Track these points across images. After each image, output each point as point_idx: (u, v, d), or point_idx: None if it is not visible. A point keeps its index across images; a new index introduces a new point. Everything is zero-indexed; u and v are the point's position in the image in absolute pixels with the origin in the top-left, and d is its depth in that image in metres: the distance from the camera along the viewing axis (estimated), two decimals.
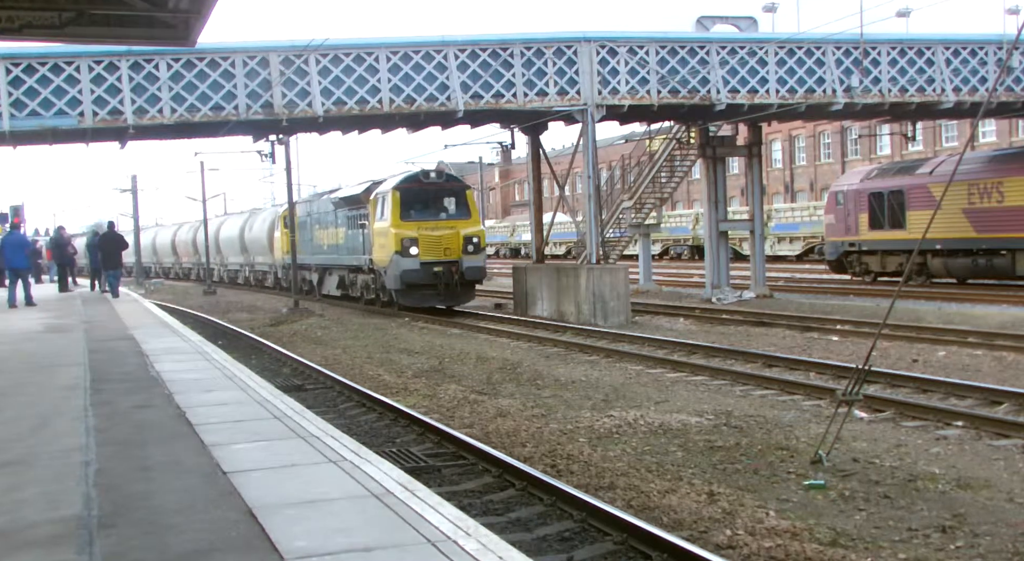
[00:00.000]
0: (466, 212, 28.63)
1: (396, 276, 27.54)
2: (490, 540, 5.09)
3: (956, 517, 7.39)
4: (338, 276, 34.86)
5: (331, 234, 34.94)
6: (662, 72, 26.79)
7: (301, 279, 37.73)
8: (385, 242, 28.04)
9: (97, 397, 9.93)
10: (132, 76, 24.20)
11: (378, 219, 28.90)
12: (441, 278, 27.44)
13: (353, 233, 32.05)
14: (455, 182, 29.92)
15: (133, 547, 5.07)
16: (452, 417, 12.32)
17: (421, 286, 27.49)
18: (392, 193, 28.06)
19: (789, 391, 13.32)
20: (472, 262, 27.90)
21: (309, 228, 37.86)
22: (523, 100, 26.12)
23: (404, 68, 25.60)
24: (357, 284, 32.79)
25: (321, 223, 36.54)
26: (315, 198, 39.27)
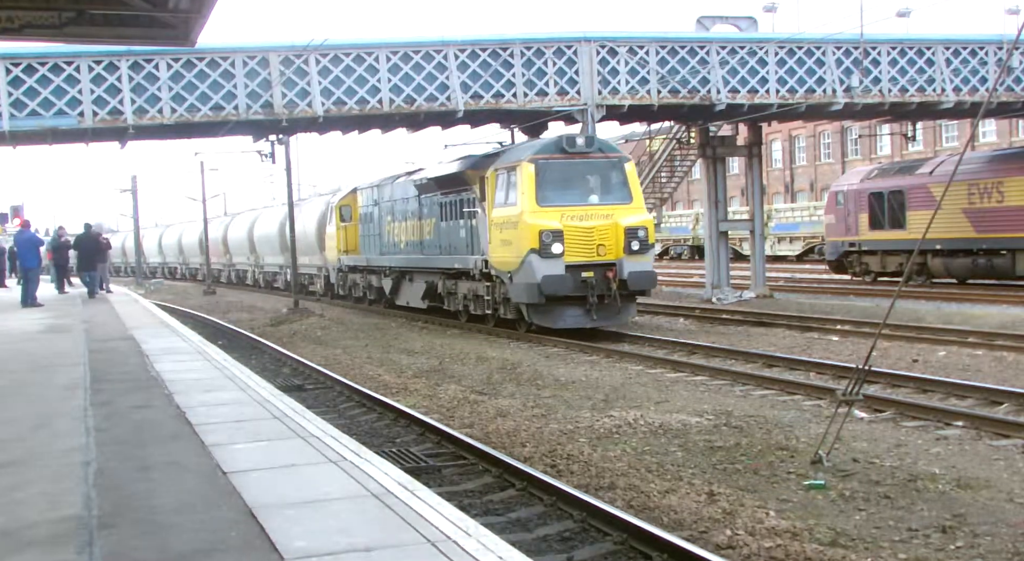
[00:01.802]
0: (625, 194, 20.67)
1: (531, 285, 19.64)
2: (490, 540, 5.09)
3: (956, 517, 7.39)
4: (424, 283, 26.16)
5: (412, 227, 26.82)
6: (662, 72, 26.80)
7: (366, 285, 31.55)
8: (513, 236, 20.25)
9: (97, 397, 9.93)
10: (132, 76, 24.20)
11: (499, 204, 21.04)
12: (592, 288, 19.68)
13: (450, 226, 24.21)
14: (611, 152, 21.21)
15: (133, 547, 5.07)
16: (452, 417, 12.32)
17: (563, 299, 19.81)
18: (524, 167, 20.21)
19: (789, 391, 13.32)
20: (637, 265, 19.94)
21: (377, 220, 30.14)
22: (523, 100, 26.12)
23: (404, 68, 25.61)
24: (458, 294, 24.14)
25: (396, 213, 28.28)
26: (386, 182, 29.67)
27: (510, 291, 20.67)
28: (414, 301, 27.23)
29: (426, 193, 25.74)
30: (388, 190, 29.26)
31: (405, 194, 27.48)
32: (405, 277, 27.99)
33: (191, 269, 63.64)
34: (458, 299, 24.22)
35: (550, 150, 20.58)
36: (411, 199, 26.86)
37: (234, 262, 53.23)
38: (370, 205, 30.91)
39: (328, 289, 37.00)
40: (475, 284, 22.81)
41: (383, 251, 29.48)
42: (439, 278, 25.14)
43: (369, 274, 31.12)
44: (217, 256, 55.32)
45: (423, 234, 26.02)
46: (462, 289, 23.85)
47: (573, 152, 20.50)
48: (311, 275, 39.85)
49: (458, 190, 23.63)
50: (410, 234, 27.08)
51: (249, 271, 50.12)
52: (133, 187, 59.05)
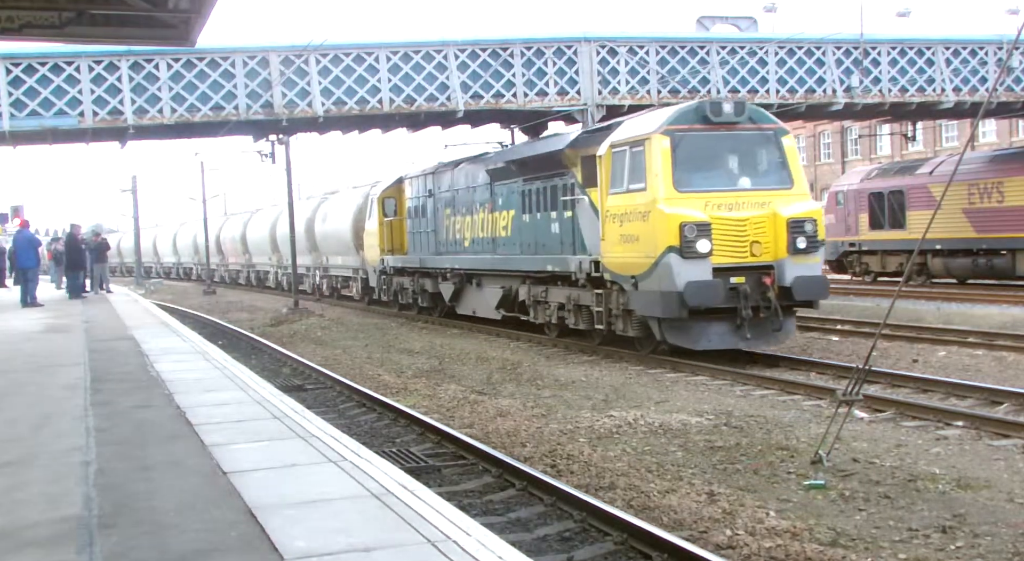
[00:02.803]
0: (784, 175, 16.09)
1: (667, 294, 15.06)
2: (490, 540, 5.10)
3: (956, 517, 7.39)
4: (499, 289, 21.59)
5: (482, 222, 22.63)
6: (662, 72, 26.82)
7: (417, 290, 26.84)
8: (641, 231, 15.67)
9: (97, 397, 9.93)
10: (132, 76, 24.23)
11: (618, 190, 16.36)
12: (746, 298, 15.18)
13: (537, 219, 19.90)
14: (765, 122, 16.55)
15: (133, 547, 5.07)
16: (452, 417, 12.32)
17: (706, 312, 15.27)
18: (656, 142, 15.57)
19: (789, 391, 13.32)
20: (803, 268, 15.49)
21: (431, 214, 25.72)
22: (523, 100, 26.15)
23: (404, 68, 25.64)
24: (549, 304, 19.58)
25: (459, 205, 23.96)
26: (444, 168, 25.23)
27: (632, 301, 16.07)
28: (483, 310, 22.84)
29: (502, 180, 21.36)
30: (447, 178, 24.76)
31: (471, 182, 23.16)
32: (471, 281, 23.27)
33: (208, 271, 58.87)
34: (549, 309, 19.59)
35: (688, 119, 15.96)
36: (480, 188, 22.58)
37: (254, 263, 48.71)
38: (421, 196, 26.39)
39: (366, 293, 32.19)
40: (576, 291, 18.19)
41: (440, 250, 25.16)
42: (520, 283, 20.72)
43: (422, 277, 26.33)
44: (235, 256, 51.81)
45: (496, 229, 21.73)
46: (556, 297, 19.15)
47: (718, 122, 15.91)
48: (345, 277, 35.21)
49: (549, 174, 19.15)
50: (478, 230, 22.79)
51: (272, 272, 45.81)
52: (133, 187, 59.07)
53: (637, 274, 15.79)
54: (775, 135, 16.33)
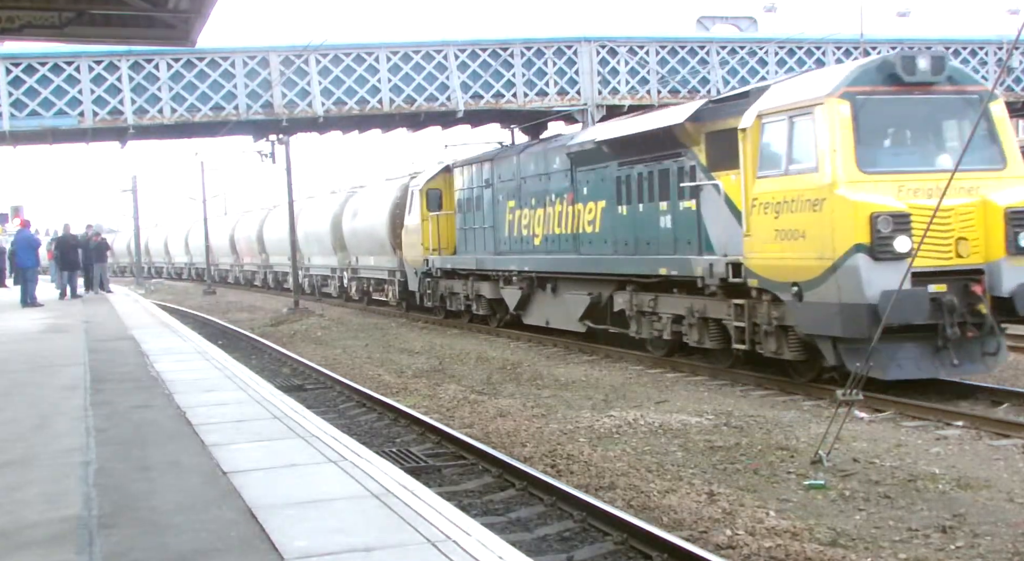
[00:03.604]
0: (995, 153, 12.63)
1: (852, 307, 11.72)
2: (490, 540, 5.10)
3: (956, 517, 7.39)
4: (585, 296, 18.09)
5: (559, 215, 19.12)
6: (662, 72, 26.85)
7: (470, 295, 23.14)
8: (809, 223, 12.19)
9: (97, 397, 9.93)
10: (132, 76, 24.26)
11: (770, 171, 12.92)
12: (952, 312, 11.79)
13: (640, 212, 16.23)
14: (968, 83, 13.08)
15: (133, 547, 5.08)
16: (452, 417, 12.33)
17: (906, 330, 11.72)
18: (831, 107, 12.10)
19: (789, 391, 13.31)
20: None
21: (488, 207, 22.26)
22: (523, 100, 26.18)
23: (404, 68, 25.66)
24: (661, 315, 15.74)
25: (526, 196, 20.48)
26: (505, 153, 22.18)
27: (793, 315, 12.49)
28: (561, 321, 19.30)
29: (588, 165, 17.82)
30: (509, 164, 21.33)
31: (544, 168, 19.74)
32: (544, 286, 19.71)
33: (221, 271, 55.93)
34: (659, 323, 15.76)
35: (872, 78, 12.41)
36: (556, 175, 19.15)
37: (272, 263, 44.64)
38: (476, 186, 22.86)
39: (405, 298, 28.36)
40: (702, 301, 14.51)
41: (501, 249, 21.59)
42: (615, 289, 17.06)
43: (478, 281, 22.59)
44: (251, 256, 48.08)
45: (580, 224, 18.19)
46: (670, 308, 15.41)
47: (911, 82, 12.36)
48: (379, 280, 31.14)
49: (657, 156, 15.60)
50: (554, 225, 19.32)
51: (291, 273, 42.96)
52: (133, 187, 59.10)
53: (802, 280, 12.19)
54: (981, 100, 12.39)
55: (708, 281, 14.11)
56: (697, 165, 14.76)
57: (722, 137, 14.15)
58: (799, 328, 12.62)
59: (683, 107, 15.81)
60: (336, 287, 35.94)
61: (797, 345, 12.90)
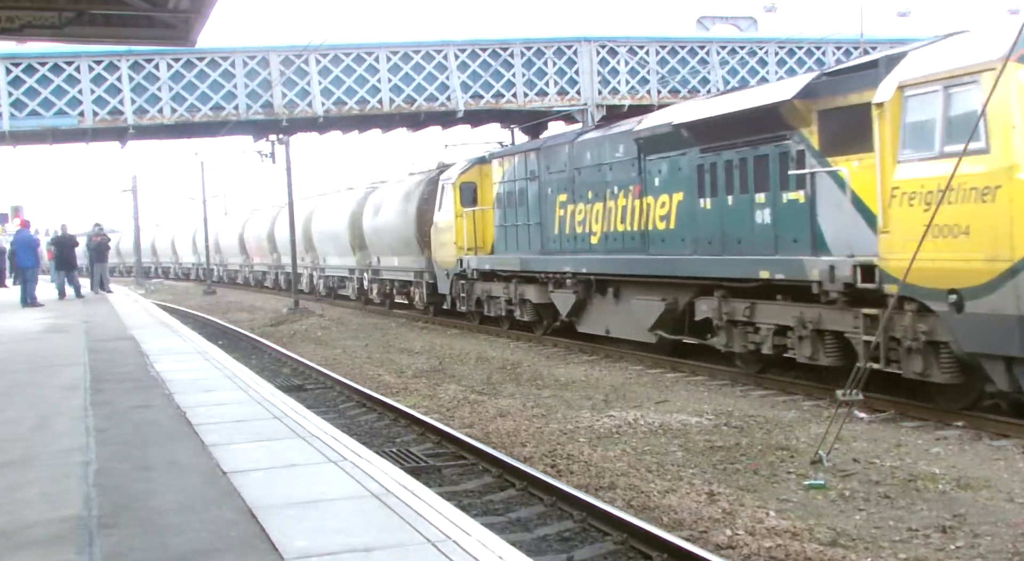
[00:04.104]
0: None
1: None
2: (490, 540, 5.10)
3: (956, 517, 7.39)
4: (658, 302, 15.59)
5: (622, 210, 16.73)
6: (662, 72, 26.86)
7: (512, 300, 20.77)
8: (982, 218, 9.86)
9: (97, 397, 9.93)
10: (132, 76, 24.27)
11: (921, 151, 10.58)
12: None
13: (729, 206, 14.00)
14: None
15: (133, 547, 5.07)
16: (452, 417, 12.33)
17: None
18: (1010, 71, 9.32)
19: (789, 391, 13.30)
20: None
21: (534, 201, 19.94)
22: (523, 100, 26.19)
23: (404, 68, 25.68)
24: (759, 326, 13.43)
25: (581, 188, 18.10)
26: (555, 142, 19.80)
27: (951, 329, 10.31)
28: (625, 329, 16.86)
29: (661, 152, 15.48)
30: (560, 154, 18.94)
31: (603, 157, 17.34)
32: (604, 291, 17.33)
33: (230, 272, 53.98)
34: (759, 335, 13.31)
35: None
36: (620, 165, 16.74)
37: (284, 264, 41.62)
38: (518, 179, 20.55)
39: (433, 301, 26.21)
40: (817, 311, 12.29)
41: (549, 248, 19.39)
42: (696, 295, 14.68)
43: (522, 284, 20.26)
44: (261, 256, 45.73)
45: (650, 220, 15.90)
46: (773, 317, 13.06)
47: None
48: (403, 282, 28.82)
49: (753, 140, 13.38)
50: (615, 221, 16.94)
51: (305, 274, 39.54)
52: (133, 187, 59.11)
53: (964, 287, 10.03)
54: None
55: (828, 287, 11.82)
56: (807, 149, 12.54)
57: (842, 115, 12.01)
58: (958, 345, 10.28)
59: (787, 82, 13.51)
60: (355, 289, 33.44)
61: (952, 365, 10.57)
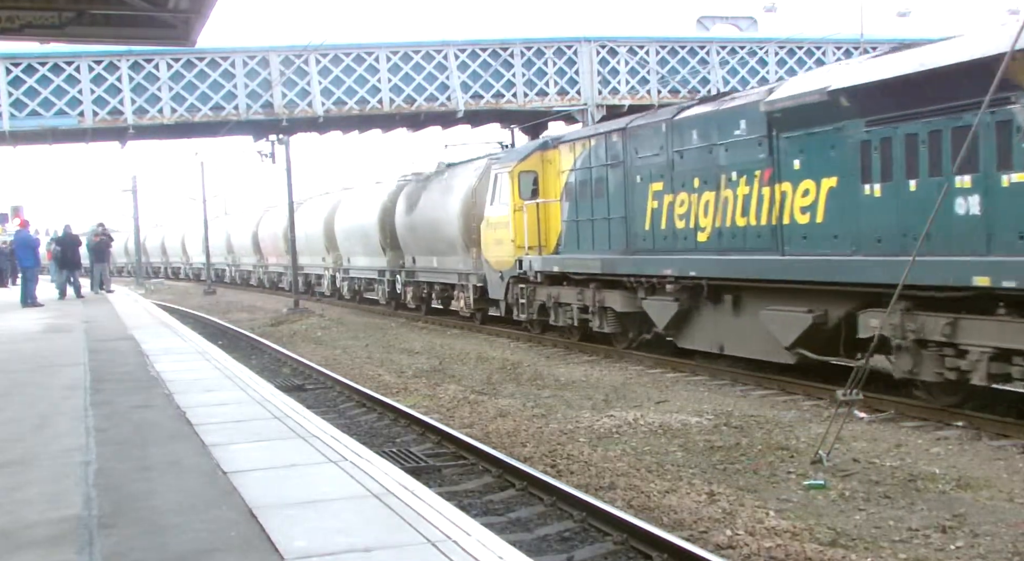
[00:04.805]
0: None
1: None
2: (490, 540, 5.10)
3: (956, 517, 7.39)
4: (802, 315, 12.71)
5: (743, 199, 13.84)
6: (662, 72, 26.87)
7: (588, 308, 17.75)
8: None
9: (97, 397, 9.93)
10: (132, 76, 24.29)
11: None
12: None
13: (910, 192, 11.06)
14: None
15: (133, 547, 5.07)
16: (452, 417, 12.33)
17: None
18: None
19: (789, 391, 13.31)
20: None
21: (615, 192, 16.87)
22: (523, 100, 26.20)
23: (404, 68, 25.68)
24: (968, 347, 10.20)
25: (683, 175, 15.12)
26: (646, 122, 16.49)
27: None
28: (750, 346, 13.91)
29: (804, 127, 12.53)
30: (654, 135, 15.82)
31: (715, 136, 14.34)
32: (718, 298, 14.36)
33: (242, 272, 51.34)
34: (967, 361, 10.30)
35: None
36: (740, 145, 13.75)
37: (302, 264, 38.94)
38: (595, 166, 17.51)
39: (482, 308, 23.47)
40: None
41: (638, 246, 16.32)
42: (858, 306, 11.81)
43: (602, 289, 17.29)
44: (276, 256, 42.84)
45: (785, 212, 12.92)
46: (989, 338, 10.08)
47: None
48: (445, 285, 25.83)
49: (953, 107, 10.41)
50: (734, 213, 13.94)
51: (326, 276, 36.61)
52: (133, 187, 59.09)
53: None
54: None
55: None
56: None
57: None
58: None
59: (1002, 30, 10.40)
60: (384, 292, 30.28)
61: None
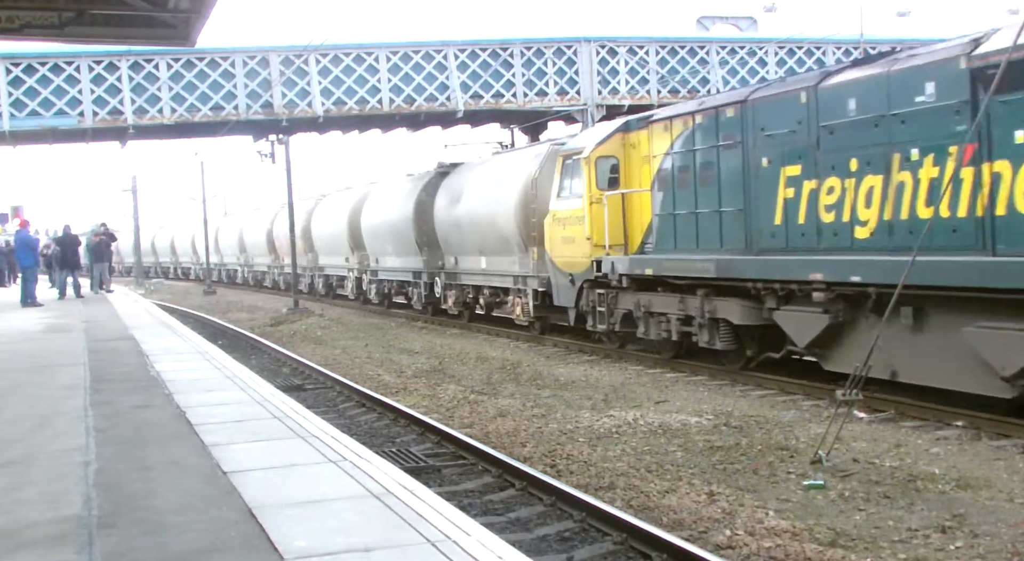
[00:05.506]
0: None
1: None
2: (490, 540, 5.10)
3: (956, 517, 7.39)
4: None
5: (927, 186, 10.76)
6: (662, 72, 26.86)
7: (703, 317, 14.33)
8: None
9: (97, 397, 9.93)
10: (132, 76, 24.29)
11: None
12: None
13: None
14: None
15: (133, 547, 5.07)
16: (452, 417, 12.33)
17: None
18: None
19: (789, 391, 13.30)
20: None
21: (725, 178, 14.07)
22: (523, 100, 26.19)
23: (404, 68, 25.67)
24: None
25: (826, 156, 12.19)
26: (766, 90, 13.80)
27: None
28: (939, 374, 10.88)
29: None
30: (789, 106, 12.82)
31: (884, 104, 11.34)
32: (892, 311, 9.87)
33: (256, 273, 48.43)
34: None
35: None
36: (925, 114, 10.81)
37: (322, 264, 36.93)
38: (701, 147, 14.50)
39: (544, 314, 20.35)
40: None
41: (766, 245, 13.27)
42: None
43: (712, 297, 14.20)
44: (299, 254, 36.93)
45: (1000, 199, 10.07)
46: None
47: None
48: (497, 289, 22.54)
49: None
50: (917, 203, 10.97)
51: (351, 277, 33.47)
52: (133, 187, 59.10)
53: None
54: None
55: None
56: None
57: None
58: None
59: None
60: (420, 296, 26.89)
61: None
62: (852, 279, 11.56)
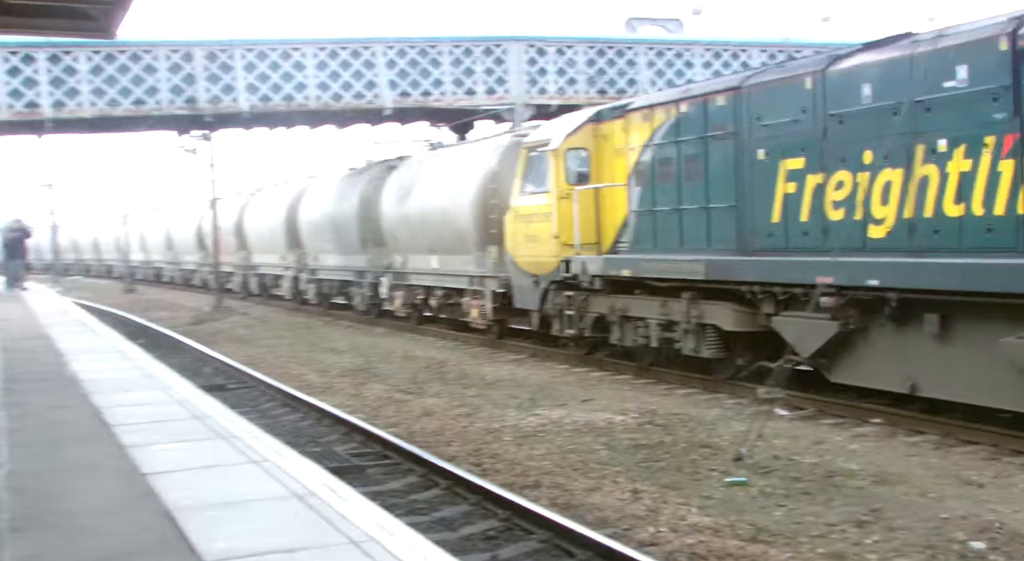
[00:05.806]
0: None
1: None
2: (414, 540, 5.08)
3: (873, 512, 7.55)
4: None
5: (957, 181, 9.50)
6: (590, 72, 27.02)
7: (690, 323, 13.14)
8: None
9: (10, 397, 9.67)
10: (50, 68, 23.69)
11: None
12: None
13: None
14: None
15: (46, 551, 4.96)
16: (377, 416, 12.25)
17: None
18: None
19: (712, 389, 13.46)
20: None
21: (715, 172, 12.67)
22: (451, 98, 26.14)
23: (331, 65, 25.46)
24: None
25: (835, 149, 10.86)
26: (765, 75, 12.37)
27: None
28: (965, 389, 9.83)
29: None
30: (792, 93, 11.52)
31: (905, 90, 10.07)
32: (907, 320, 10.27)
33: (184, 271, 45.26)
34: None
35: None
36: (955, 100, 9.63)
37: (256, 263, 34.97)
38: (687, 138, 13.17)
39: (503, 317, 19.09)
40: None
41: (760, 245, 12.09)
42: None
43: (701, 301, 13.04)
44: (226, 254, 35.77)
45: None
46: None
47: None
48: (451, 290, 20.96)
49: None
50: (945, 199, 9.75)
51: (287, 277, 31.60)
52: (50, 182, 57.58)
53: None
54: None
55: None
56: None
57: None
58: None
59: None
60: (364, 297, 25.47)
61: None
62: (869, 283, 10.36)
